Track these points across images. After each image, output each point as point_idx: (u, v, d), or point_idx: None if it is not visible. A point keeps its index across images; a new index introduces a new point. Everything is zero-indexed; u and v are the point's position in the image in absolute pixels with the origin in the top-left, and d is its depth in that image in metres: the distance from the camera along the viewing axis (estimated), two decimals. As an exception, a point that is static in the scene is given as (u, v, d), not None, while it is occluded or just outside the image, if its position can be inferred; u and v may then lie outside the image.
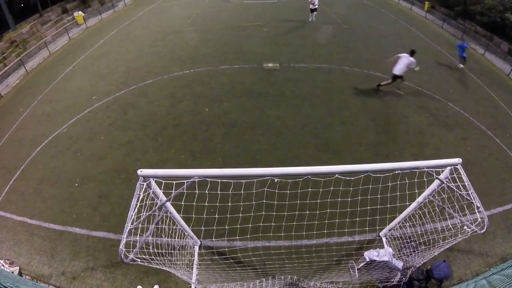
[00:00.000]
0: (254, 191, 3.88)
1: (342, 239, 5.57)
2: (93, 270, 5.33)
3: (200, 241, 5.49)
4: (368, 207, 4.27)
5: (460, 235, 3.67)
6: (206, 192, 3.42)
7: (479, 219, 3.23)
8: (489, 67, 13.14)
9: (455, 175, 3.41)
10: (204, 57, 12.35)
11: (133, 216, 2.93)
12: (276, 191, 3.77)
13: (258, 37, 14.23)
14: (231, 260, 5.38)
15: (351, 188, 3.81)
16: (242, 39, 13.96)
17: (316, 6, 15.76)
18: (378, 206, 4.25)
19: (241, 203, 4.69)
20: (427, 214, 4.46)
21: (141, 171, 3.03)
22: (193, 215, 4.01)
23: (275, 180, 3.06)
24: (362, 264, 5.05)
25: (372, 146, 7.98)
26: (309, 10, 16.12)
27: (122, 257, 2.80)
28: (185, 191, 3.12)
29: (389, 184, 3.65)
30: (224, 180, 3.21)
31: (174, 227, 4.36)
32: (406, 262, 4.95)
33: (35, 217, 6.30)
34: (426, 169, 3.29)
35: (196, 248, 5.42)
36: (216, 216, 4.44)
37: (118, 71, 11.57)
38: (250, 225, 4.25)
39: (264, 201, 3.79)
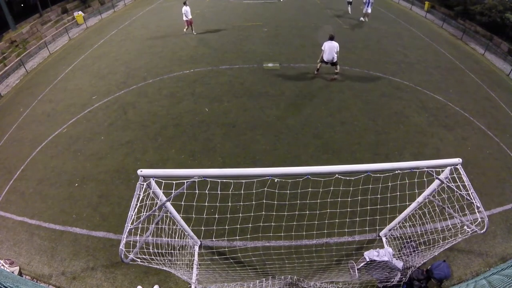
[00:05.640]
0: (254, 191, 3.89)
1: (342, 239, 5.57)
2: (93, 270, 5.33)
3: (200, 241, 5.49)
4: (368, 207, 4.27)
5: (460, 235, 3.67)
6: (206, 192, 3.42)
7: (479, 219, 3.23)
8: (489, 67, 13.14)
9: (455, 175, 3.41)
10: (204, 57, 12.35)
11: (133, 216, 2.94)
12: (276, 191, 3.77)
13: (258, 37, 14.23)
14: (231, 260, 5.38)
15: (351, 188, 3.82)
16: (242, 39, 13.95)
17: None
18: (378, 206, 4.26)
19: (241, 203, 4.70)
20: (427, 214, 4.47)
21: (141, 171, 3.03)
22: (193, 215, 4.01)
23: (275, 180, 3.06)
24: (362, 264, 5.06)
25: (372, 146, 7.98)
26: None
27: (122, 257, 2.80)
28: (185, 191, 3.12)
29: (389, 184, 3.65)
30: (224, 180, 3.21)
31: (174, 227, 4.36)
32: (406, 262, 4.95)
33: (35, 217, 6.30)
34: (426, 169, 3.30)
35: (196, 248, 5.42)
36: (216, 216, 4.45)
37: (118, 71, 11.57)
38: (250, 225, 4.26)
39: (264, 201, 3.79)
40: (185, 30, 14.51)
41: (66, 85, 11.09)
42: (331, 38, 10.20)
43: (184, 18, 14.04)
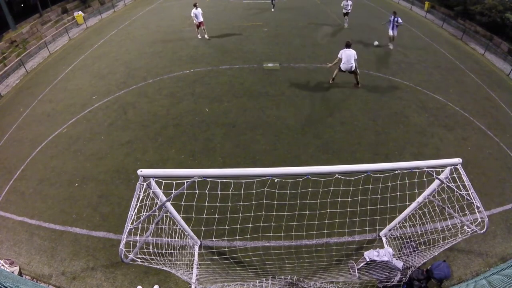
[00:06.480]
0: (254, 191, 3.89)
1: (342, 239, 5.57)
2: (93, 270, 5.33)
3: (200, 241, 5.49)
4: (368, 207, 4.27)
5: (460, 235, 3.67)
6: (206, 192, 3.42)
7: (479, 219, 3.23)
8: (489, 67, 13.14)
9: (455, 175, 3.41)
10: (204, 57, 12.36)
11: (133, 216, 2.94)
12: (276, 191, 3.77)
13: (258, 37, 14.23)
14: (231, 260, 5.38)
15: (351, 188, 3.82)
16: (242, 39, 13.96)
17: None
18: (378, 206, 4.26)
19: (241, 203, 4.70)
20: (427, 214, 4.47)
21: (141, 171, 3.03)
22: (193, 215, 4.01)
23: (275, 180, 3.06)
24: (362, 264, 5.06)
25: (372, 146, 7.98)
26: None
27: (122, 257, 2.80)
28: (185, 191, 3.12)
29: (389, 184, 3.65)
30: (224, 180, 3.22)
31: (174, 227, 4.36)
32: (406, 262, 4.95)
33: (35, 217, 6.30)
34: (426, 169, 3.30)
35: (196, 248, 5.42)
36: (216, 216, 4.45)
37: (118, 71, 11.57)
38: (250, 225, 4.26)
39: (264, 201, 3.79)
40: (199, 36, 13.98)
41: (66, 85, 11.09)
42: (348, 46, 9.51)
43: (195, 21, 13.42)
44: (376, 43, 13.63)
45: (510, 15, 14.40)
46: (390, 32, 13.00)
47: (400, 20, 12.48)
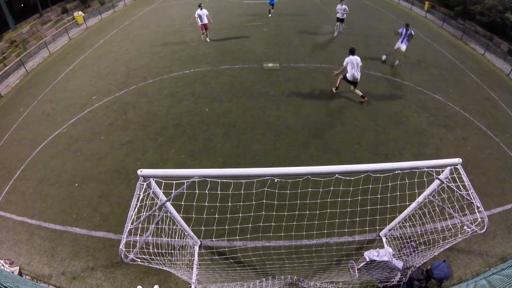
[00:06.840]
0: (254, 191, 3.89)
1: (342, 239, 5.57)
2: (93, 270, 5.33)
3: (200, 241, 5.49)
4: (368, 207, 4.27)
5: (460, 235, 3.67)
6: (206, 192, 3.42)
7: (479, 219, 3.23)
8: (489, 67, 13.14)
9: (455, 175, 3.41)
10: (204, 57, 12.35)
11: (133, 216, 2.94)
12: (276, 191, 3.77)
13: (258, 37, 14.23)
14: (231, 260, 5.38)
15: (351, 188, 3.82)
16: (242, 39, 13.96)
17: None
18: (378, 206, 4.26)
19: (241, 203, 4.71)
20: (427, 214, 4.47)
21: (141, 171, 3.03)
22: (193, 215, 4.01)
23: (275, 180, 3.06)
24: (362, 264, 5.06)
25: (372, 146, 7.98)
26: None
27: (122, 257, 2.80)
28: (185, 191, 3.12)
29: (389, 184, 3.65)
30: (224, 180, 3.22)
31: (174, 227, 4.36)
32: (406, 262, 4.95)
33: (35, 217, 6.30)
34: (426, 169, 3.30)
35: (196, 248, 5.42)
36: (216, 216, 4.45)
37: (118, 71, 11.57)
38: (250, 225, 4.26)
39: (264, 201, 3.79)
40: (202, 37, 13.69)
41: (66, 85, 11.09)
42: (353, 52, 8.51)
43: (199, 23, 12.92)
44: (384, 57, 12.35)
45: (510, 15, 14.41)
46: (398, 45, 11.31)
47: (412, 33, 11.12)
